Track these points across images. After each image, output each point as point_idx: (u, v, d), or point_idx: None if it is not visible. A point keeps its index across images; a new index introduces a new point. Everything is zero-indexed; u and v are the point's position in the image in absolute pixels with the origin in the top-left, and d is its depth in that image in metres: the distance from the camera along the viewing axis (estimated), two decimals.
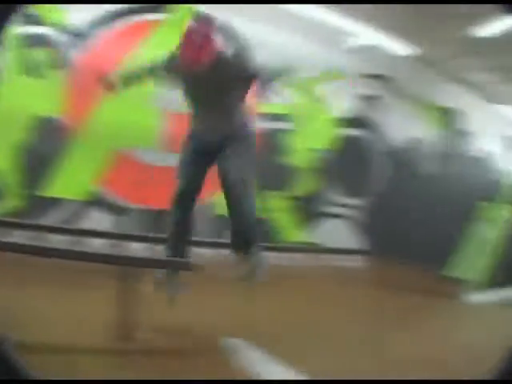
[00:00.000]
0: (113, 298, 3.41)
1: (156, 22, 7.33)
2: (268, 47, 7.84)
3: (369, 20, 8.50)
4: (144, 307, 3.42)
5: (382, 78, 9.99)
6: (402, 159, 10.39)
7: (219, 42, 3.62)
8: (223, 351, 3.56)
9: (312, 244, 8.29)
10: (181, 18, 7.13)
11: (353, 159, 9.37)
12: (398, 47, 9.27)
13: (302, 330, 4.25)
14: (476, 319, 5.86)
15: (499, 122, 13.15)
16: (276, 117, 8.34)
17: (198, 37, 3.47)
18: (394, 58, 9.63)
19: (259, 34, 7.90)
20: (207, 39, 3.48)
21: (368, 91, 9.77)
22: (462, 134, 12.25)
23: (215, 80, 3.59)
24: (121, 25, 7.11)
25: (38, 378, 1.36)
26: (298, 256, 7.52)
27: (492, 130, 13.04)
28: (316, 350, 3.76)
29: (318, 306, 5.25)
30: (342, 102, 9.31)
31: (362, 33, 8.65)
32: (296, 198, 8.43)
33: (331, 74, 9.13)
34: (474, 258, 12.27)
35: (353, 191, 9.26)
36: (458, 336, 4.55)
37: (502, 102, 12.56)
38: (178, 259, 4.03)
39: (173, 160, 6.41)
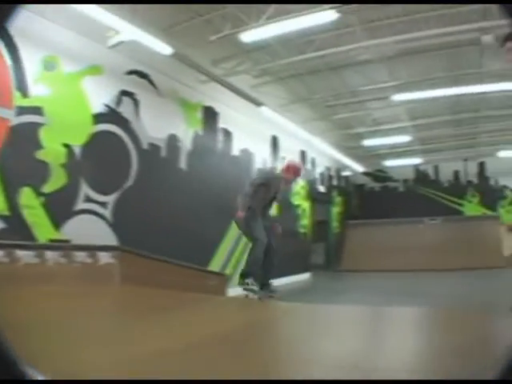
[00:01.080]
0: None
1: None
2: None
3: (132, 18, 8.64)
4: None
5: (140, 75, 10.24)
6: (157, 155, 10.67)
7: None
8: None
9: (64, 241, 8.02)
10: None
11: (106, 155, 9.35)
12: (161, 46, 9.48)
13: (51, 325, 4.26)
14: (230, 311, 6.18)
15: (260, 122, 14.40)
16: (32, 110, 7.94)
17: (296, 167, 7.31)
18: (155, 56, 9.86)
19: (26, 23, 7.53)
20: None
21: (126, 87, 9.89)
22: (222, 132, 13.09)
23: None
24: None
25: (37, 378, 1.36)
26: (51, 253, 7.04)
27: (252, 129, 14.18)
28: (61, 344, 3.72)
29: (69, 301, 5.39)
30: (100, 97, 9.27)
31: (124, 29, 8.65)
32: (48, 195, 8.09)
33: (91, 70, 9.06)
34: (234, 253, 13.40)
35: (105, 187, 9.24)
36: (212, 326, 4.70)
37: (264, 103, 13.71)
38: None
39: None
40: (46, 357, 3.04)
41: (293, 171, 7.21)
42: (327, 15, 9.00)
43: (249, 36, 9.97)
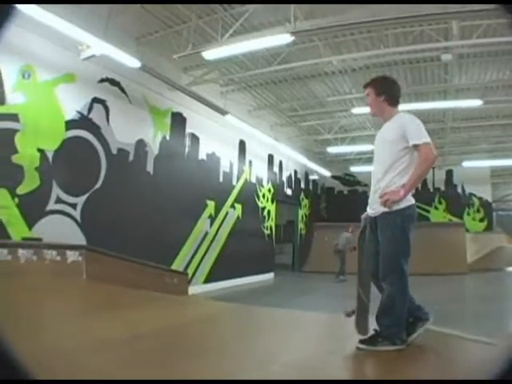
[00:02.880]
0: None
1: None
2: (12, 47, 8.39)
3: (104, 31, 9.46)
4: None
5: (111, 83, 10.99)
6: (126, 160, 11.35)
7: None
8: None
9: (36, 239, 8.43)
10: None
11: (77, 159, 9.98)
12: (130, 60, 10.24)
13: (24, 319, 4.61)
14: (190, 309, 6.71)
15: (228, 128, 15.35)
16: (9, 117, 8.55)
17: None
18: (124, 68, 10.62)
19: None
20: None
21: (97, 95, 10.60)
22: (190, 137, 13.91)
23: None
24: None
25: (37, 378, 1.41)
26: (23, 252, 7.48)
27: (219, 134, 15.16)
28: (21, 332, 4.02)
29: (36, 295, 5.81)
30: (73, 104, 9.96)
31: (95, 44, 9.36)
32: (22, 196, 8.72)
33: (65, 78, 9.74)
34: (197, 254, 14.26)
35: (75, 189, 9.88)
36: (159, 322, 5.08)
37: (229, 112, 14.55)
38: None
39: None
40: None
41: None
42: (283, 38, 9.75)
43: (211, 54, 10.71)
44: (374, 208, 3.91)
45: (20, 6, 7.41)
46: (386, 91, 4.15)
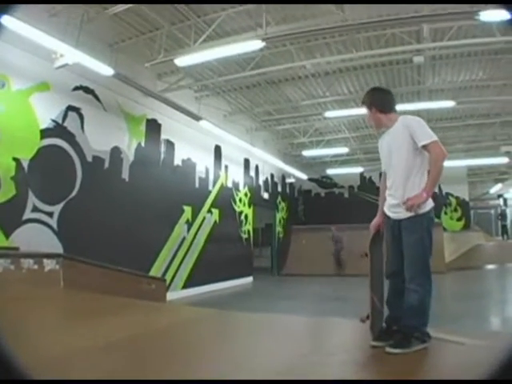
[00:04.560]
0: None
1: None
2: None
3: (77, 40, 9.65)
4: None
5: (86, 91, 11.15)
6: (101, 167, 11.49)
7: None
8: None
9: (13, 248, 8.58)
10: None
11: (52, 167, 10.09)
12: (103, 68, 10.43)
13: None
14: (167, 315, 6.68)
15: (203, 133, 15.55)
16: None
17: None
18: (98, 76, 10.76)
19: None
20: None
21: (72, 103, 10.76)
22: (165, 143, 14.09)
23: None
24: None
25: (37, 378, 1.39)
26: (0, 261, 7.41)
27: (194, 139, 15.36)
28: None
29: (13, 304, 5.85)
30: (47, 113, 10.10)
31: (68, 53, 9.49)
32: None
33: (39, 86, 9.88)
34: (174, 260, 14.40)
35: (51, 198, 10.00)
36: (133, 328, 5.19)
37: (203, 117, 14.80)
38: None
39: None
40: None
41: None
42: (255, 44, 10.05)
43: (183, 61, 10.94)
44: (396, 212, 4.02)
45: None
46: (374, 102, 4.27)
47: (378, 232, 4.31)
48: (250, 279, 19.97)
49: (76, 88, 11.01)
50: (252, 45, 10.18)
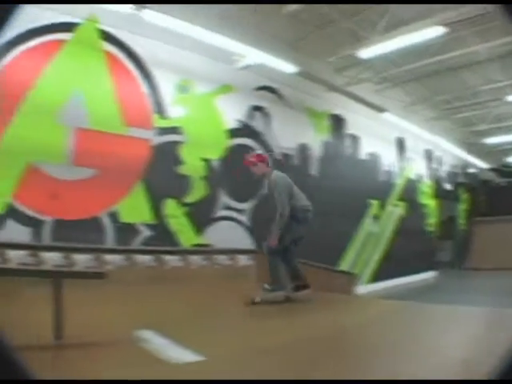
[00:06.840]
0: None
1: (63, 41, 7.45)
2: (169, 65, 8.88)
3: (256, 39, 9.55)
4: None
5: (269, 91, 11.09)
6: (290, 163, 11.42)
7: None
8: (137, 341, 4.11)
9: (206, 245, 9.00)
10: (87, 37, 7.69)
11: (241, 166, 9.99)
12: (285, 66, 10.31)
13: (199, 319, 5.12)
14: (363, 310, 6.64)
15: (385, 125, 15.00)
16: (172, 130, 8.99)
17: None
18: (280, 74, 10.67)
19: (161, 54, 8.78)
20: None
21: (255, 102, 10.75)
22: (350, 138, 13.80)
23: None
24: (30, 44, 7.08)
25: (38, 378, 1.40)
26: (194, 257, 8.11)
27: (377, 132, 14.76)
28: (210, 333, 4.56)
29: (211, 298, 6.36)
30: (232, 113, 10.16)
31: (249, 54, 9.59)
32: (191, 204, 9.08)
33: (223, 89, 9.96)
34: (362, 254, 14.06)
35: (241, 195, 10.11)
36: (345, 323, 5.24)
37: (386, 109, 14.31)
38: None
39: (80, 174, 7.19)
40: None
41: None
42: (436, 30, 9.43)
43: (366, 53, 10.63)
44: None
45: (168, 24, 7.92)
46: None
47: None
48: (432, 273, 18.80)
49: (259, 88, 10.98)
50: (433, 31, 9.50)
